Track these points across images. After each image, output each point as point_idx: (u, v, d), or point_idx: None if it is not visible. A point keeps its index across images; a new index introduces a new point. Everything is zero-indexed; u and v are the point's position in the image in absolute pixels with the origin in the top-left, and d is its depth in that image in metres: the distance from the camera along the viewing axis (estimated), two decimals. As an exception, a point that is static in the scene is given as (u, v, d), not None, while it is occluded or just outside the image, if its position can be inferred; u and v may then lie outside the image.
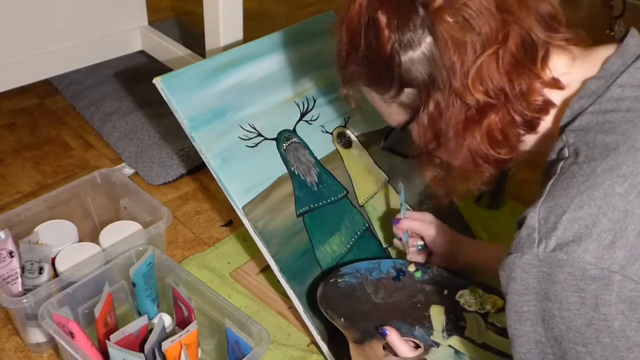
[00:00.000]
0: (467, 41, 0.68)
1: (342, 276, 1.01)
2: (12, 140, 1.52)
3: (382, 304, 0.98)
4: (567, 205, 0.63)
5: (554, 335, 0.65)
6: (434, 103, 0.73)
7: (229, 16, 1.31)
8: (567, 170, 0.67)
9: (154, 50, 1.68)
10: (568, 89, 0.73)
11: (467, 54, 0.69)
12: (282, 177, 1.06)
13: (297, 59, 1.15)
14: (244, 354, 0.88)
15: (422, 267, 1.05)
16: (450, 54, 0.69)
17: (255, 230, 1.01)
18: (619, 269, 0.60)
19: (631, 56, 0.71)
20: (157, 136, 1.51)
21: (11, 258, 1.01)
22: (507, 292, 0.67)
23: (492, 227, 1.31)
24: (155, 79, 0.99)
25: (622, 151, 0.64)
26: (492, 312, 0.98)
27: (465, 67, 0.69)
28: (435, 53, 0.69)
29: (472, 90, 0.70)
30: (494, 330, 0.95)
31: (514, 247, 0.66)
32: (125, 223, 1.13)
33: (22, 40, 1.45)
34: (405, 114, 0.78)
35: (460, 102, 0.71)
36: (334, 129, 1.16)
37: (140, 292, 0.98)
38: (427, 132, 0.76)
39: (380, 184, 1.18)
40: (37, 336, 1.02)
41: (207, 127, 1.01)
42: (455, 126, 0.73)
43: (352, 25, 0.75)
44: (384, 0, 0.71)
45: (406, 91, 0.75)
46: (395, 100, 0.77)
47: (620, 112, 0.67)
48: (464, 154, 0.75)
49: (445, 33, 0.68)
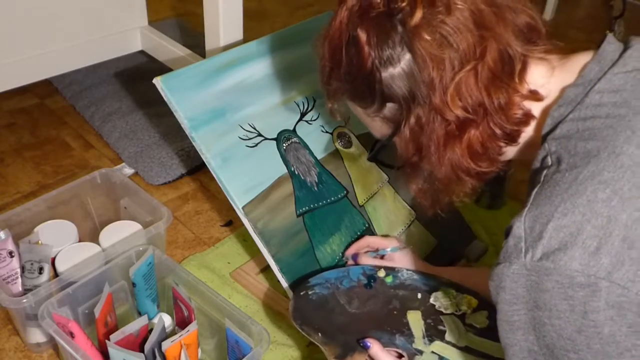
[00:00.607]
0: (445, 58, 0.69)
1: (311, 287, 0.99)
2: (12, 140, 1.53)
3: (358, 314, 0.97)
4: (552, 213, 0.64)
5: (546, 343, 0.65)
6: (415, 118, 0.73)
7: (229, 16, 1.32)
8: (551, 178, 0.67)
9: (154, 50, 1.68)
10: (548, 99, 0.74)
11: (446, 70, 0.69)
12: (282, 177, 1.06)
13: (297, 59, 1.15)
14: (244, 354, 0.88)
15: (392, 271, 1.04)
16: (429, 70, 0.70)
17: (255, 230, 1.01)
18: (605, 275, 0.60)
19: (608, 62, 0.71)
20: (157, 136, 1.51)
21: (11, 258, 1.01)
22: (497, 301, 0.67)
23: (492, 227, 1.31)
24: (155, 79, 0.99)
25: (602, 157, 0.65)
26: (469, 313, 0.98)
27: (444, 83, 0.70)
28: (415, 69, 0.70)
29: (451, 106, 0.70)
30: (474, 332, 0.95)
31: (502, 257, 0.66)
32: (125, 223, 1.13)
33: (22, 40, 1.45)
34: (388, 127, 0.79)
35: (440, 118, 0.72)
36: (334, 129, 1.16)
37: (140, 292, 0.98)
38: (410, 146, 0.77)
39: (380, 184, 1.18)
40: (37, 336, 1.02)
41: (207, 127, 1.01)
42: (436, 141, 0.74)
43: (333, 41, 0.76)
44: (363, 17, 0.72)
45: (388, 106, 0.75)
46: (378, 115, 0.78)
47: (599, 118, 0.68)
48: (445, 167, 0.75)
49: (423, 50, 0.69)
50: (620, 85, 0.69)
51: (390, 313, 0.98)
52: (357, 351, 0.89)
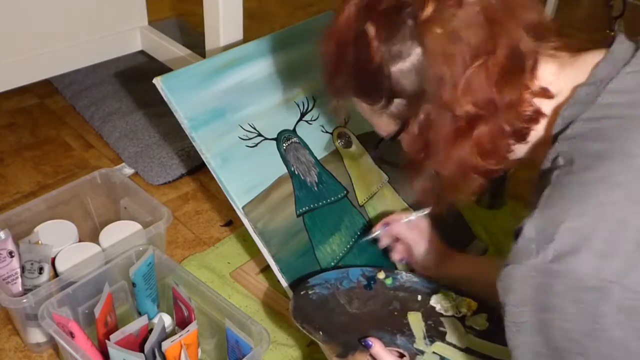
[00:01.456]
0: (455, 52, 0.68)
1: (312, 287, 0.99)
2: (12, 140, 1.53)
3: (358, 314, 0.97)
4: (563, 215, 0.63)
5: (554, 346, 0.65)
6: (424, 114, 0.72)
7: (229, 16, 1.32)
8: (562, 179, 0.66)
9: (154, 50, 1.68)
10: (558, 97, 0.73)
11: (456, 65, 0.68)
12: (282, 177, 1.06)
13: (297, 59, 1.15)
14: (244, 354, 0.88)
15: (392, 273, 1.05)
16: (439, 65, 0.68)
17: (255, 230, 1.01)
18: (616, 279, 0.60)
19: (620, 61, 0.70)
20: (157, 136, 1.51)
21: (11, 258, 1.01)
22: (505, 303, 0.66)
23: (492, 227, 1.31)
24: (155, 79, 0.99)
25: (615, 159, 0.64)
26: (469, 316, 0.98)
27: (454, 79, 0.68)
28: (425, 64, 0.69)
29: (461, 102, 0.69)
30: (474, 334, 0.95)
31: (511, 258, 0.65)
32: (125, 223, 1.13)
33: (22, 40, 1.45)
34: (395, 124, 0.78)
35: (450, 114, 0.70)
36: (334, 129, 1.16)
37: (140, 292, 0.98)
38: (417, 143, 0.76)
39: (380, 184, 1.18)
40: (37, 336, 1.02)
41: (207, 127, 1.01)
42: (444, 137, 0.72)
43: (340, 37, 0.75)
44: (372, 11, 0.71)
45: (396, 102, 0.74)
46: (385, 111, 0.76)
47: (611, 118, 0.67)
48: (453, 165, 0.74)
49: (434, 44, 0.68)
50: (633, 85, 0.68)
51: (391, 314, 0.98)
52: (358, 350, 0.89)
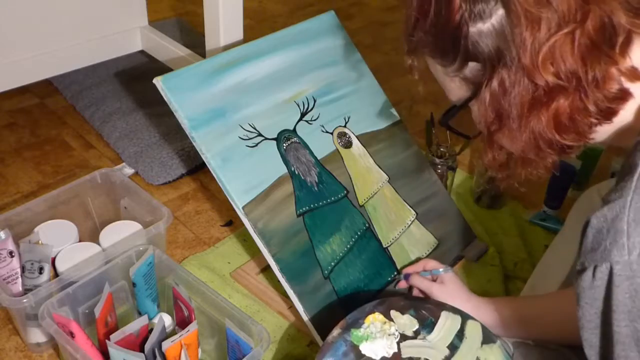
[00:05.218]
0: (542, 17, 0.64)
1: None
2: (12, 140, 1.53)
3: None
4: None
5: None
6: (498, 80, 0.68)
7: (229, 16, 1.32)
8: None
9: (154, 50, 1.68)
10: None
11: (541, 30, 0.64)
12: (282, 177, 1.06)
13: (297, 59, 1.15)
14: (244, 354, 0.88)
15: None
16: (522, 28, 0.64)
17: (256, 230, 1.01)
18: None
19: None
20: (157, 136, 1.51)
21: (11, 258, 1.01)
22: (591, 313, 0.61)
23: (492, 227, 1.31)
24: (155, 79, 0.99)
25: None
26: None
27: (537, 45, 0.64)
28: (506, 27, 0.65)
29: (541, 70, 0.65)
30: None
31: (594, 257, 0.58)
32: (125, 223, 1.13)
33: (22, 40, 1.45)
34: (467, 89, 0.74)
35: (528, 81, 0.67)
36: (334, 129, 1.16)
37: (140, 292, 0.98)
38: (489, 111, 0.71)
39: (380, 184, 1.18)
40: (37, 336, 1.02)
41: (207, 127, 1.01)
42: (519, 106, 0.68)
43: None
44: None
45: (470, 65, 0.70)
46: (458, 75, 0.72)
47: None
48: (526, 137, 0.70)
49: (519, 6, 0.64)
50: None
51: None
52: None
